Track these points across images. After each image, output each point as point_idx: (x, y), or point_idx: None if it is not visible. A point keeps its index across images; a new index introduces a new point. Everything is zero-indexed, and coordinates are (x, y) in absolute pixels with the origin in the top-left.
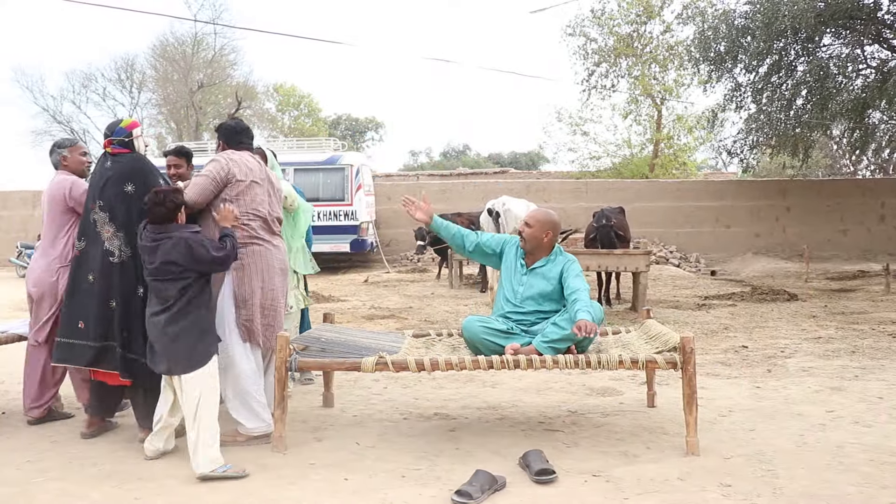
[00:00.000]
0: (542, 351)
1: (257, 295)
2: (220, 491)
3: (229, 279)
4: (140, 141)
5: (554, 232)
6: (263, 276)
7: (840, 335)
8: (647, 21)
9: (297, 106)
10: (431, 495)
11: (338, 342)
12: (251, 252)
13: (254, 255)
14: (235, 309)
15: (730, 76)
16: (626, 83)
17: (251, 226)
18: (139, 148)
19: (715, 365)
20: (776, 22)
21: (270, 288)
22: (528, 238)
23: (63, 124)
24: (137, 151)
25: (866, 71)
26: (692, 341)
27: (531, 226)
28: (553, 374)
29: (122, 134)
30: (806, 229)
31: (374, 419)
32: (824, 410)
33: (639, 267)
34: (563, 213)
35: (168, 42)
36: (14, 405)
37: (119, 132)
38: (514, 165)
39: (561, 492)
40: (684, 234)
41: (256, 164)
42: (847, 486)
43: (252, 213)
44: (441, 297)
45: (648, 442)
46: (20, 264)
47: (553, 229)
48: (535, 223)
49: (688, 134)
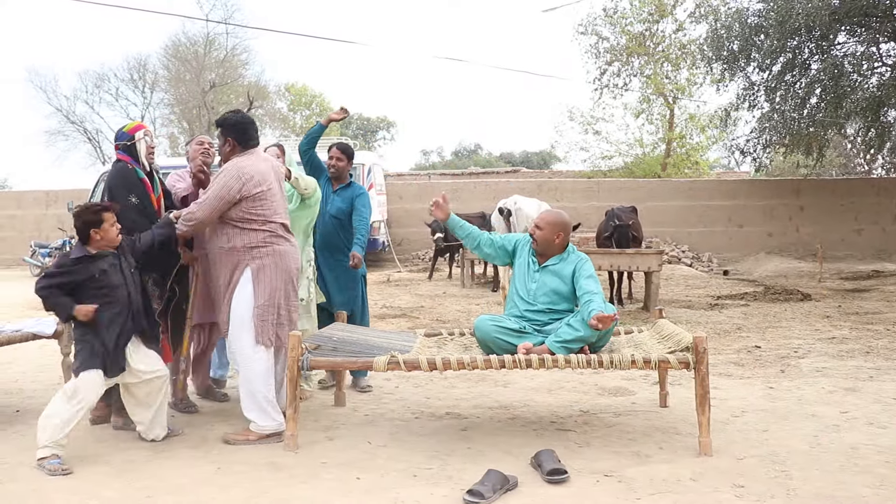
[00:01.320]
0: (555, 351)
1: (276, 294)
2: (231, 489)
3: (248, 278)
4: (142, 143)
5: (565, 233)
6: (283, 276)
7: (854, 335)
8: (659, 19)
9: (309, 105)
10: (443, 495)
11: (349, 341)
12: (272, 252)
13: (274, 254)
14: (252, 308)
15: (743, 75)
16: (639, 82)
17: (270, 227)
18: (141, 151)
19: (728, 365)
20: (790, 20)
21: (286, 287)
22: (540, 240)
23: (76, 124)
24: (140, 155)
25: (881, 69)
26: (705, 341)
27: (542, 228)
28: (565, 374)
29: (124, 138)
30: (819, 229)
31: (385, 418)
32: (838, 411)
33: (651, 266)
34: (574, 212)
35: (180, 42)
36: (28, 403)
37: (121, 136)
38: (526, 165)
39: (573, 492)
40: (697, 233)
41: (268, 164)
42: (862, 487)
43: (271, 218)
44: (453, 297)
45: (661, 442)
46: (34, 263)
47: (564, 230)
48: (545, 226)
49: (700, 133)
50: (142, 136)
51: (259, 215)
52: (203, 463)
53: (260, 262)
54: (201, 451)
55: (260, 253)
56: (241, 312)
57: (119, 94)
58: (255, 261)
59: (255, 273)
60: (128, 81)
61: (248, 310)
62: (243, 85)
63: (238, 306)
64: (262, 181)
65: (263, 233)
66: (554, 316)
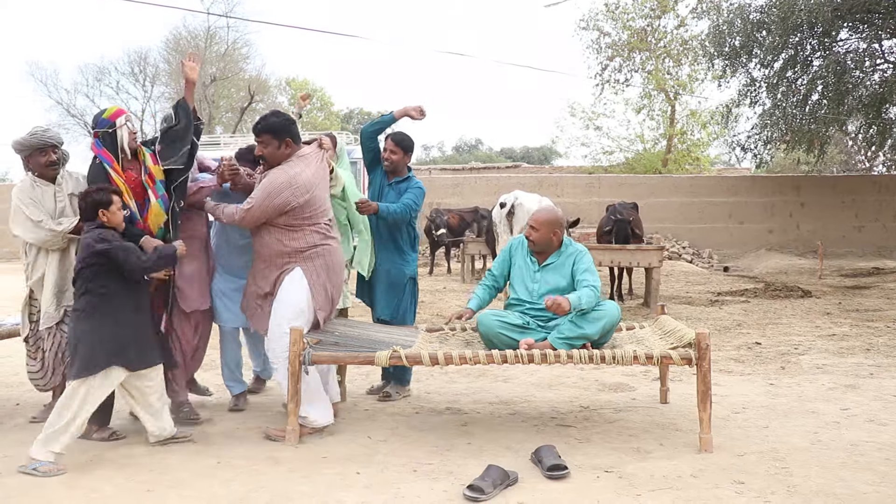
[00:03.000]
0: (557, 347)
1: (328, 289)
2: (231, 484)
3: (296, 279)
4: (124, 130)
5: (561, 229)
6: (337, 272)
7: (855, 332)
8: (661, 15)
9: (310, 100)
10: (443, 490)
11: (351, 336)
12: (327, 251)
13: (329, 253)
14: (305, 307)
15: (744, 71)
16: (640, 78)
17: (317, 228)
18: (121, 138)
19: (728, 362)
20: (792, 16)
21: (337, 283)
22: (538, 241)
23: (77, 118)
24: (122, 142)
25: (884, 66)
26: (707, 337)
27: (538, 229)
28: (566, 370)
29: (104, 125)
30: (820, 225)
31: (385, 413)
32: (839, 408)
33: (652, 262)
34: (575, 208)
35: (181, 36)
36: (28, 397)
37: (101, 123)
38: (527, 160)
39: (573, 487)
40: (697, 229)
41: (308, 166)
42: (862, 484)
43: (318, 220)
44: (453, 292)
45: (661, 438)
46: None
47: (559, 227)
48: (540, 225)
49: (701, 129)
50: (123, 123)
51: (307, 219)
52: (203, 457)
53: (311, 264)
54: (201, 444)
55: (311, 254)
56: (289, 311)
57: (120, 87)
58: (306, 262)
59: (307, 274)
60: (128, 75)
61: (296, 309)
62: (244, 79)
63: (283, 306)
64: (309, 188)
65: (313, 235)
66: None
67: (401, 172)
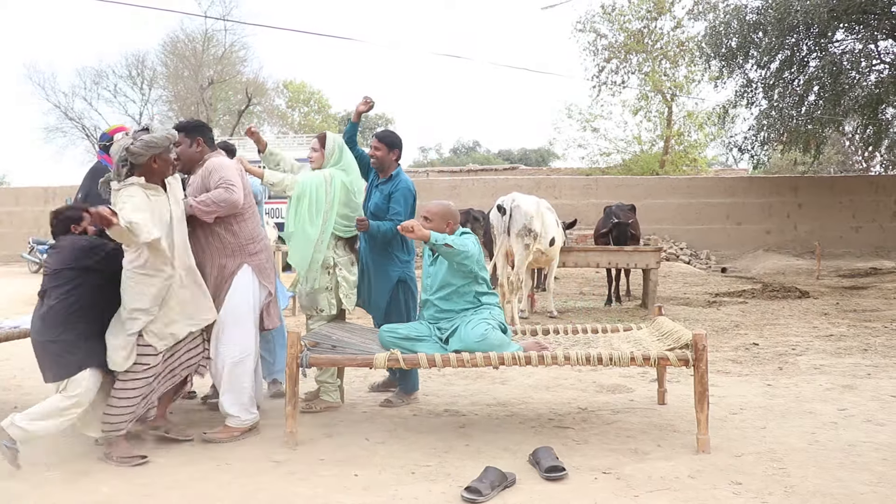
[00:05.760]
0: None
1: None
2: (229, 486)
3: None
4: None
5: (454, 221)
6: (273, 270)
7: (852, 333)
8: (657, 17)
9: (307, 102)
10: (441, 492)
11: (349, 339)
12: (265, 247)
13: (267, 250)
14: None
15: (741, 72)
16: (637, 79)
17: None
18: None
19: (726, 362)
20: (788, 17)
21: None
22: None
23: (74, 121)
24: None
25: (880, 66)
26: (704, 338)
27: (431, 220)
28: (563, 371)
29: (104, 139)
30: (817, 226)
31: (383, 415)
32: (836, 408)
33: (649, 264)
34: (573, 209)
35: (178, 39)
36: (26, 400)
37: (103, 137)
38: (524, 162)
39: (571, 489)
40: (695, 230)
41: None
42: (860, 485)
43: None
44: None
45: (659, 439)
46: (32, 260)
47: (453, 219)
48: (433, 216)
49: (698, 130)
50: (120, 138)
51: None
52: (201, 459)
53: (258, 258)
54: (199, 447)
55: (256, 248)
56: (239, 307)
57: (117, 90)
58: (253, 256)
59: (256, 268)
60: (126, 78)
61: (248, 305)
62: (241, 82)
63: (235, 302)
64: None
65: (255, 229)
66: (450, 289)
67: (389, 169)
